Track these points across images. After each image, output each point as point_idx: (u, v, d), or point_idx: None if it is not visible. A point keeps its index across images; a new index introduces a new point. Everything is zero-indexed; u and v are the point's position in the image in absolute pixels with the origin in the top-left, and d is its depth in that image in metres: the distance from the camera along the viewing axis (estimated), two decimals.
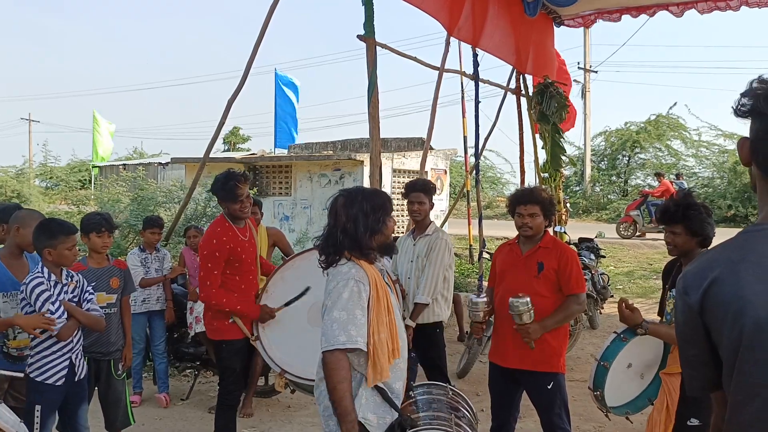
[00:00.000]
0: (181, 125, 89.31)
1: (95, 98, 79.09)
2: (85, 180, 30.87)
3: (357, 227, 2.51)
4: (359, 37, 5.27)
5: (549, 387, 3.53)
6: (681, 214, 3.17)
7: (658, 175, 17.86)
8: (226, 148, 34.78)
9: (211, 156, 8.32)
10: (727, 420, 1.37)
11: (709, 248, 1.83)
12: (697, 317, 1.38)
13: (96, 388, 4.06)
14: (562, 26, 9.13)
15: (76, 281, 3.63)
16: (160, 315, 5.64)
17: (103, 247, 4.14)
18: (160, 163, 25.11)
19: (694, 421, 3.07)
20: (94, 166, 26.82)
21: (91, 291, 3.70)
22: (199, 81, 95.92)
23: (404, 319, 3.87)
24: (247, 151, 25.76)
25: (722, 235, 1.44)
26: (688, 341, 1.44)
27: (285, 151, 16.80)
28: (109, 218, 4.22)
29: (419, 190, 4.61)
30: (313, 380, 2.65)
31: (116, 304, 4.17)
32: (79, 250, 3.77)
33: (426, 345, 4.59)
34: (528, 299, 3.36)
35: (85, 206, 11.24)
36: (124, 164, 26.24)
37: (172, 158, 17.75)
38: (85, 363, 3.68)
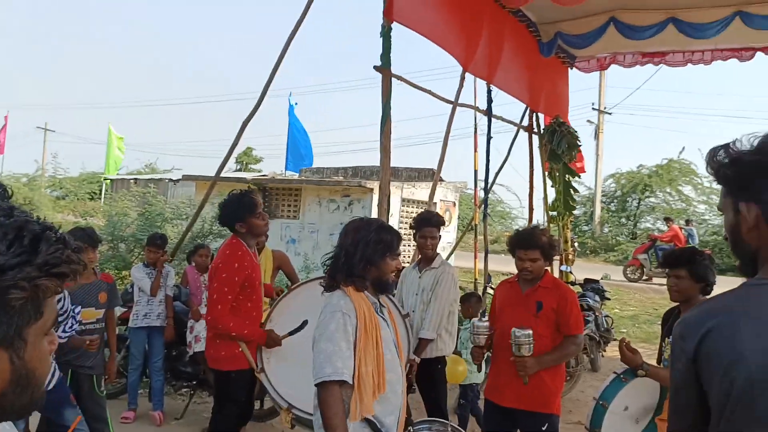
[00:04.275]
0: (194, 142, 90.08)
1: (111, 111, 79.93)
2: (96, 192, 31.05)
3: (356, 252, 2.53)
4: (375, 68, 5.33)
5: (544, 428, 3.49)
6: (686, 258, 3.24)
7: (668, 220, 17.83)
8: (238, 167, 34.99)
9: (222, 175, 8.38)
10: None
11: (709, 296, 1.85)
12: (690, 364, 1.37)
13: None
14: (574, 69, 9.22)
15: (58, 299, 3.58)
16: (159, 331, 5.61)
17: (87, 262, 4.11)
18: (171, 180, 25.28)
19: None
20: (105, 179, 27.03)
21: (67, 328, 3.61)
22: (215, 100, 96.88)
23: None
24: (259, 172, 25.92)
25: (730, 284, 1.43)
26: (679, 387, 1.43)
27: (296, 174, 16.89)
28: (92, 233, 4.18)
29: (434, 225, 4.55)
30: None
31: (103, 318, 4.17)
32: None
33: (427, 381, 4.54)
34: (530, 332, 3.34)
35: (92, 218, 11.32)
36: (135, 178, 26.46)
37: (183, 175, 17.84)
38: (58, 370, 3.65)
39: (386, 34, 5.30)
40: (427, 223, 4.57)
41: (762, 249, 1.38)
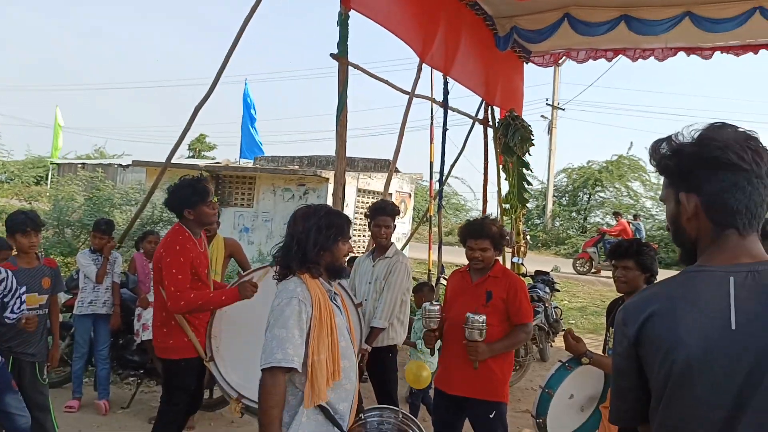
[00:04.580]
0: (146, 128, 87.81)
1: (58, 94, 77.25)
2: (41, 176, 30.04)
3: (308, 239, 2.51)
4: (332, 55, 5.29)
5: (491, 416, 3.55)
6: (635, 250, 3.33)
7: (616, 215, 18.29)
8: (191, 154, 34.38)
9: (174, 161, 8.20)
10: None
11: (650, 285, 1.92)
12: (632, 349, 1.42)
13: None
14: (530, 64, 9.34)
15: (1, 279, 3.50)
16: (105, 319, 5.49)
17: (30, 247, 4.02)
18: (120, 165, 24.65)
19: None
20: (52, 163, 26.20)
21: (15, 309, 3.55)
22: (167, 85, 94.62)
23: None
24: (212, 159, 25.52)
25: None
26: (621, 372, 1.48)
27: (251, 162, 16.67)
28: (34, 217, 4.10)
29: (388, 214, 4.57)
30: None
31: (47, 304, 4.06)
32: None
33: (378, 369, 4.56)
34: (484, 318, 3.38)
35: (37, 202, 10.99)
36: (84, 163, 25.75)
37: (133, 161, 17.41)
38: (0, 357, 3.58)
39: (343, 22, 5.27)
40: (382, 212, 4.58)
41: (701, 238, 1.44)
